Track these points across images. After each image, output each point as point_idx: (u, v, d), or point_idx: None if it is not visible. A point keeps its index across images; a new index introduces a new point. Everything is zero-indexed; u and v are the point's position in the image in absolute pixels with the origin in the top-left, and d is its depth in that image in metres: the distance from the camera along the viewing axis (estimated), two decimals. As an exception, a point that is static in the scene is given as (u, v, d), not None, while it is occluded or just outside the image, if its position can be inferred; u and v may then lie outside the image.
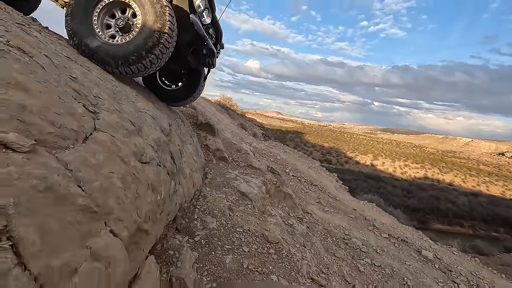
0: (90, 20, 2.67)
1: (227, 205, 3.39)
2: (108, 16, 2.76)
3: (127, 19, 2.70)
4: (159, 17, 2.59)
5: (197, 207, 2.88)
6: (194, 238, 2.28)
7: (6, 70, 1.11)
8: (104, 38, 2.67)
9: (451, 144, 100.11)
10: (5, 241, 0.75)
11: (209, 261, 2.08)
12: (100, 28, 2.71)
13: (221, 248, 2.34)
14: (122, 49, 2.60)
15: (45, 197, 0.89)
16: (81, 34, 2.62)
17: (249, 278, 2.09)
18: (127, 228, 1.16)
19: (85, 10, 2.67)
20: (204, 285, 1.78)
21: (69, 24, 2.65)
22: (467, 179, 56.65)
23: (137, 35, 2.62)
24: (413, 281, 4.30)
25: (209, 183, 4.14)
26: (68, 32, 2.67)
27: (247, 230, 2.86)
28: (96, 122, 1.41)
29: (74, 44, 2.64)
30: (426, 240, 6.62)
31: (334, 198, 7.25)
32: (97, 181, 1.12)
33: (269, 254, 2.57)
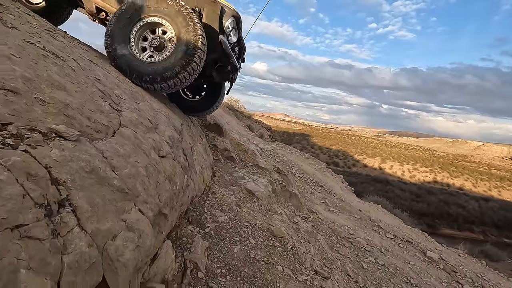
0: (131, 49, 2.84)
1: (235, 201, 3.54)
2: (149, 31, 2.93)
3: (159, 38, 2.88)
4: (193, 37, 2.75)
5: (206, 201, 3.04)
6: (204, 229, 2.44)
7: (48, 72, 1.29)
8: (141, 56, 2.85)
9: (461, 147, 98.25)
10: (68, 207, 0.92)
11: (219, 250, 2.23)
12: (140, 52, 2.89)
13: (230, 239, 2.49)
14: (165, 64, 2.78)
15: (90, 177, 1.06)
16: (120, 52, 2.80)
17: (256, 266, 2.23)
18: (151, 210, 1.32)
19: (125, 33, 2.84)
20: (214, 269, 1.93)
21: (110, 46, 2.82)
22: (478, 184, 55.51)
23: (172, 53, 2.80)
24: (417, 280, 4.36)
25: (217, 180, 4.30)
26: (109, 53, 2.84)
27: (254, 225, 3.00)
28: (121, 118, 1.58)
29: (115, 63, 2.82)
30: (432, 242, 6.63)
31: (340, 199, 7.33)
32: (126, 168, 1.29)
33: (274, 247, 2.71)
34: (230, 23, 3.23)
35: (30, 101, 1.08)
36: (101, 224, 1.00)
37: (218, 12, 3.09)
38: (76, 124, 1.19)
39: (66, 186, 0.96)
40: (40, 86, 1.18)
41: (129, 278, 1.03)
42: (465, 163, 67.42)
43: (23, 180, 0.86)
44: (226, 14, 3.17)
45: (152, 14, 2.82)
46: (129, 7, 2.83)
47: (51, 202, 0.89)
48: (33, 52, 1.38)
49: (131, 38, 2.84)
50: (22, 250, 0.76)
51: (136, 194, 1.26)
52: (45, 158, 0.95)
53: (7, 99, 1.00)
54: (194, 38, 2.76)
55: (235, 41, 3.54)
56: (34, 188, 0.87)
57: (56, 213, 0.89)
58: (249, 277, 2.05)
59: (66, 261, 0.84)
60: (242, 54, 4.09)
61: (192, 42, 2.76)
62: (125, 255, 1.04)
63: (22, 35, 1.51)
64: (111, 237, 1.02)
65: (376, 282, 3.61)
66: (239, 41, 3.73)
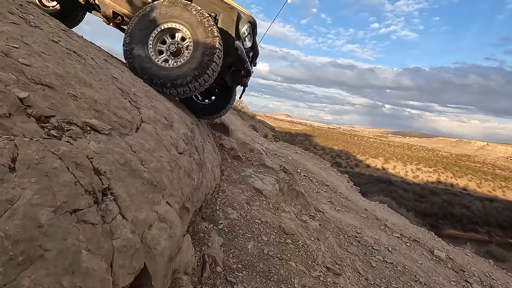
0: (147, 47, 2.88)
1: (245, 199, 3.57)
2: (160, 42, 2.97)
3: (177, 43, 2.91)
4: (210, 49, 2.78)
5: (218, 199, 3.07)
6: (218, 226, 2.46)
7: (75, 70, 1.32)
8: (163, 64, 2.89)
9: (465, 147, 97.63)
10: (110, 196, 0.96)
11: (233, 246, 2.25)
12: (155, 53, 2.92)
13: (243, 236, 2.51)
14: (177, 71, 2.82)
15: (124, 169, 1.09)
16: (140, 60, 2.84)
17: (270, 262, 2.25)
18: (177, 203, 1.35)
19: (144, 38, 2.87)
20: (231, 264, 1.95)
21: (128, 45, 2.84)
22: (482, 184, 55.11)
23: (187, 62, 2.84)
24: (425, 279, 4.36)
25: (225, 179, 4.33)
26: (125, 51, 2.86)
27: (264, 222, 3.02)
28: (141, 115, 1.61)
29: (128, 62, 2.85)
30: (439, 241, 6.62)
31: (346, 198, 7.33)
32: (152, 162, 1.32)
33: (286, 244, 2.73)
34: (246, 29, 3.26)
35: (64, 96, 1.11)
36: (138, 214, 1.03)
37: (235, 18, 3.12)
38: (105, 119, 1.22)
39: (107, 176, 0.99)
40: (70, 82, 1.22)
41: (165, 266, 1.06)
42: (469, 163, 66.99)
43: (73, 168, 0.89)
44: (242, 20, 3.20)
45: (174, 20, 2.84)
46: (153, 10, 2.86)
47: (96, 190, 0.92)
48: (58, 50, 1.42)
49: (150, 40, 2.87)
50: (80, 233, 0.79)
51: (163, 187, 1.29)
52: (85, 150, 0.99)
53: (45, 94, 1.03)
54: (211, 50, 2.78)
55: (249, 46, 3.58)
56: (82, 177, 0.90)
57: (101, 201, 0.92)
58: (264, 272, 2.08)
59: (116, 245, 0.88)
60: (254, 59, 4.13)
61: (208, 54, 2.78)
62: (161, 244, 1.07)
63: (45, 34, 1.55)
64: (147, 227, 1.05)
65: (385, 280, 3.62)
66: (253, 46, 3.77)
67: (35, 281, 0.66)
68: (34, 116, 0.93)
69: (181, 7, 2.83)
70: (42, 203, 0.74)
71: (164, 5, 2.85)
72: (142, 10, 2.89)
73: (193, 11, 2.82)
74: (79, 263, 0.76)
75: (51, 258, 0.70)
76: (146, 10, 2.87)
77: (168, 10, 2.84)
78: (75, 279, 0.72)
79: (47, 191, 0.77)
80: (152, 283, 0.98)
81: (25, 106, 0.93)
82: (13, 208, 0.68)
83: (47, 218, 0.73)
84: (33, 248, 0.68)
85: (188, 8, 2.83)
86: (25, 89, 0.97)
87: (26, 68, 1.05)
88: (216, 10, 3.11)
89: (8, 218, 0.66)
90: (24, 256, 0.66)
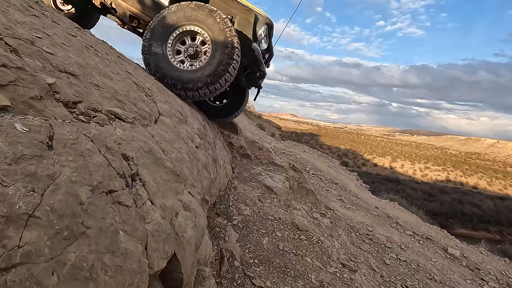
0: (165, 45, 2.88)
1: (257, 196, 3.55)
2: (179, 42, 2.97)
3: (196, 47, 2.91)
4: (226, 59, 2.78)
5: (230, 196, 3.06)
6: (232, 221, 2.45)
7: (94, 61, 1.32)
8: (178, 65, 2.90)
9: (474, 145, 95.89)
10: (138, 181, 0.95)
11: (249, 242, 2.23)
12: (172, 52, 2.93)
13: (257, 231, 2.49)
14: (190, 75, 2.82)
15: (148, 157, 1.08)
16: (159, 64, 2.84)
17: (286, 258, 2.22)
18: (199, 193, 1.34)
19: (163, 39, 2.87)
20: (247, 259, 1.93)
21: (147, 41, 2.85)
22: (493, 182, 54.05)
23: (202, 67, 2.83)
24: (440, 277, 4.27)
25: (236, 177, 4.31)
26: (143, 46, 2.87)
27: (277, 218, 3.00)
28: (158, 108, 1.61)
29: (144, 58, 2.86)
30: (452, 239, 6.49)
31: (356, 196, 7.25)
32: (173, 153, 1.31)
33: (300, 240, 2.70)
34: (263, 31, 3.25)
35: (87, 85, 1.11)
36: (165, 201, 1.02)
37: (252, 20, 3.12)
38: (127, 109, 1.22)
39: (134, 162, 0.98)
40: (91, 72, 1.22)
41: (193, 255, 1.05)
42: (479, 161, 65.80)
43: (104, 151, 0.89)
44: (259, 22, 3.19)
45: (198, 24, 2.84)
46: (179, 10, 2.85)
47: (126, 175, 0.91)
48: (77, 43, 1.42)
49: (170, 39, 2.86)
50: (116, 214, 0.78)
51: (185, 178, 1.28)
52: (112, 136, 0.98)
53: (70, 81, 1.04)
54: (227, 61, 2.78)
55: (265, 48, 3.56)
56: (114, 160, 0.89)
57: (131, 185, 0.92)
58: (281, 268, 2.05)
59: (149, 229, 0.87)
60: (269, 60, 4.11)
61: (224, 64, 2.78)
62: (188, 232, 1.06)
63: (63, 28, 1.55)
64: (174, 214, 1.04)
65: (400, 278, 3.56)
66: (269, 47, 3.76)
67: (80, 257, 0.65)
68: (62, 102, 0.93)
69: (206, 13, 2.82)
70: (81, 181, 0.74)
71: (191, 7, 2.85)
72: (168, 9, 2.89)
73: (218, 19, 2.81)
74: (118, 243, 0.75)
75: (93, 235, 0.70)
76: (172, 9, 2.88)
77: (194, 13, 2.83)
78: (115, 258, 0.71)
79: (84, 170, 0.77)
80: (181, 270, 0.97)
81: (53, 91, 0.93)
82: (55, 183, 0.67)
83: (86, 196, 0.72)
84: (76, 224, 0.67)
85: (213, 15, 2.82)
86: (51, 75, 0.97)
87: (51, 57, 1.05)
88: (232, 12, 3.11)
89: (52, 193, 0.66)
90: (69, 231, 0.66)
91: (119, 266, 0.71)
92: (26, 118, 0.78)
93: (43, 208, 0.64)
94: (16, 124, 0.74)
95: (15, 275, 0.56)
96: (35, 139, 0.73)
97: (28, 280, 0.57)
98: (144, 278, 0.79)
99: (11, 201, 0.61)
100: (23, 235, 0.60)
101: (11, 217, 0.59)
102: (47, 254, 0.62)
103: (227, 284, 1.72)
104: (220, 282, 1.71)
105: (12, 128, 0.72)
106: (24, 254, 0.59)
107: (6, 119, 0.74)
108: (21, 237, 0.60)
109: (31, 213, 0.63)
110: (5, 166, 0.64)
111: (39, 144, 0.73)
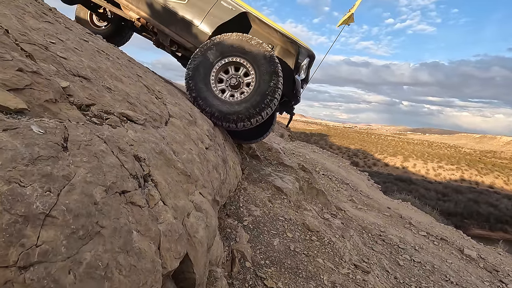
0: (209, 80, 2.91)
1: (267, 197, 3.54)
2: (233, 66, 3.00)
3: (238, 77, 2.94)
4: (269, 96, 2.80)
5: (240, 197, 3.06)
6: (243, 222, 2.45)
7: (106, 65, 1.35)
8: (220, 95, 2.93)
9: (490, 143, 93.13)
10: (150, 182, 0.96)
11: (259, 242, 2.23)
12: (215, 84, 2.96)
13: (268, 232, 2.48)
14: (222, 106, 2.86)
15: (160, 158, 1.10)
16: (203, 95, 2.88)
17: (297, 259, 2.21)
18: (210, 194, 1.35)
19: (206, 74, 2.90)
20: (259, 260, 1.93)
21: (191, 86, 2.88)
22: (510, 181, 52.32)
23: (242, 101, 2.87)
24: (456, 278, 4.16)
25: (246, 178, 4.31)
26: (189, 89, 2.89)
27: (288, 219, 2.98)
28: (169, 110, 1.63)
29: (193, 99, 2.89)
30: (468, 240, 6.31)
31: (367, 196, 7.14)
32: (184, 154, 1.32)
33: (311, 241, 2.68)
34: (305, 63, 3.28)
35: (100, 88, 1.14)
36: (177, 201, 1.03)
37: (296, 52, 3.14)
38: (138, 111, 1.24)
39: (146, 163, 1.00)
40: (103, 76, 1.24)
41: (205, 255, 1.06)
42: (495, 160, 63.86)
43: (117, 152, 0.90)
44: (302, 54, 3.20)
45: (242, 56, 2.86)
46: (227, 41, 2.88)
47: (138, 176, 0.93)
48: (89, 48, 1.46)
49: (213, 70, 2.88)
50: (129, 214, 0.79)
51: (196, 179, 1.29)
52: (124, 137, 1.00)
53: (83, 85, 1.06)
54: (269, 98, 2.79)
55: (303, 78, 3.60)
56: (126, 161, 0.91)
57: (144, 186, 0.93)
58: (292, 269, 2.04)
59: (161, 229, 0.88)
60: (304, 87, 4.14)
61: (266, 102, 2.80)
62: (199, 232, 1.07)
63: (76, 34, 1.59)
64: (186, 214, 1.05)
65: (415, 279, 3.48)
66: (307, 77, 3.79)
67: (95, 256, 0.66)
68: (75, 104, 0.96)
69: (251, 44, 2.85)
70: (95, 181, 0.75)
71: (235, 38, 2.87)
72: (213, 39, 2.91)
73: (262, 50, 2.83)
74: (131, 243, 0.76)
75: (107, 235, 0.71)
76: (216, 40, 2.90)
77: (241, 45, 2.85)
78: (129, 258, 0.72)
79: (98, 170, 0.78)
80: (194, 270, 0.97)
81: (67, 94, 0.95)
82: (70, 183, 0.69)
83: (101, 196, 0.74)
84: (91, 224, 0.68)
85: (257, 46, 2.84)
86: (65, 79, 1.00)
87: (64, 61, 1.08)
88: (274, 42, 3.15)
89: (67, 193, 0.67)
90: (84, 231, 0.67)
91: (133, 265, 0.72)
92: (42, 121, 0.80)
93: (59, 208, 0.66)
94: (32, 126, 0.76)
95: (33, 274, 0.57)
96: (50, 141, 0.75)
97: (46, 278, 0.58)
98: (157, 278, 0.80)
99: (28, 201, 0.62)
100: (40, 234, 0.61)
101: (28, 216, 0.61)
102: (64, 253, 0.63)
103: (238, 285, 1.72)
104: (232, 283, 1.71)
105: (28, 130, 0.74)
106: (42, 253, 0.60)
107: (23, 121, 0.76)
108: (39, 236, 0.61)
109: (48, 213, 0.64)
110: (23, 167, 0.66)
111: (55, 146, 0.75)
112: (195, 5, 3.16)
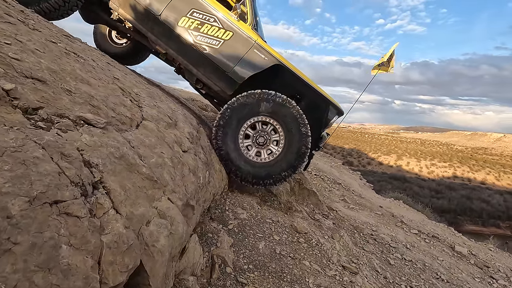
0: (237, 140, 2.94)
1: (255, 199, 3.49)
2: (261, 122, 3.00)
3: (266, 134, 2.95)
4: (296, 160, 2.86)
5: (227, 200, 3.01)
6: (227, 226, 2.40)
7: (72, 67, 1.29)
8: (240, 144, 2.95)
9: (481, 140, 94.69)
10: (102, 189, 0.91)
11: (244, 246, 2.18)
12: (242, 141, 2.98)
13: (253, 236, 2.44)
14: (246, 166, 2.92)
15: (120, 163, 1.04)
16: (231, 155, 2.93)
17: (283, 262, 2.16)
18: (180, 199, 1.30)
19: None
20: (241, 265, 1.88)
21: (219, 145, 2.91)
22: (501, 177, 53.22)
23: (268, 164, 2.93)
24: (447, 276, 4.16)
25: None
26: (217, 131, 2.93)
27: (276, 221, 2.94)
28: (142, 113, 1.57)
29: (221, 157, 2.91)
30: (459, 237, 6.35)
31: (359, 196, 7.15)
32: (153, 158, 1.27)
33: (299, 243, 2.64)
34: (334, 119, 3.31)
35: (57, 91, 1.08)
36: (134, 209, 0.98)
37: (325, 108, 3.18)
38: (102, 114, 1.19)
39: (99, 169, 0.94)
40: (65, 78, 1.19)
41: (165, 265, 1.00)
42: (486, 156, 64.91)
43: (58, 159, 0.85)
44: (332, 112, 3.23)
45: (275, 118, 2.88)
46: (256, 102, 2.86)
47: (85, 183, 0.87)
48: (56, 49, 1.40)
49: (242, 129, 2.89)
50: (61, 226, 0.74)
51: (164, 184, 1.24)
52: (76, 142, 0.95)
53: (35, 87, 1.00)
54: (296, 161, 2.85)
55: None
56: (69, 167, 0.85)
57: (91, 194, 0.88)
58: (277, 273, 1.99)
59: (105, 240, 0.82)
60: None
61: (292, 166, 2.85)
62: (160, 241, 1.02)
63: (43, 35, 1.53)
64: (145, 222, 1.00)
65: (405, 278, 3.47)
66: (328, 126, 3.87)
67: None
68: (20, 108, 0.90)
69: (287, 107, 2.85)
70: (14, 192, 0.69)
71: (270, 99, 2.85)
72: (245, 99, 2.90)
73: (293, 110, 2.84)
74: (57, 259, 0.70)
75: (20, 252, 0.64)
76: (249, 100, 2.88)
77: (271, 107, 2.85)
78: (50, 276, 0.66)
79: (23, 179, 0.72)
80: (149, 282, 0.92)
81: (12, 97, 0.90)
82: None
83: (19, 209, 0.68)
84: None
85: (288, 105, 2.84)
86: (12, 81, 0.94)
87: (16, 62, 1.03)
88: (303, 94, 3.17)
89: None
90: None
91: (55, 285, 0.66)
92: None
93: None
94: None
95: None
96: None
97: None
98: (90, 296, 0.73)
99: None
100: None
101: None
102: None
103: (219, 291, 1.66)
104: (212, 289, 1.66)
105: None
106: None
107: None
108: None
109: None
110: None
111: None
112: (227, 51, 3.04)
